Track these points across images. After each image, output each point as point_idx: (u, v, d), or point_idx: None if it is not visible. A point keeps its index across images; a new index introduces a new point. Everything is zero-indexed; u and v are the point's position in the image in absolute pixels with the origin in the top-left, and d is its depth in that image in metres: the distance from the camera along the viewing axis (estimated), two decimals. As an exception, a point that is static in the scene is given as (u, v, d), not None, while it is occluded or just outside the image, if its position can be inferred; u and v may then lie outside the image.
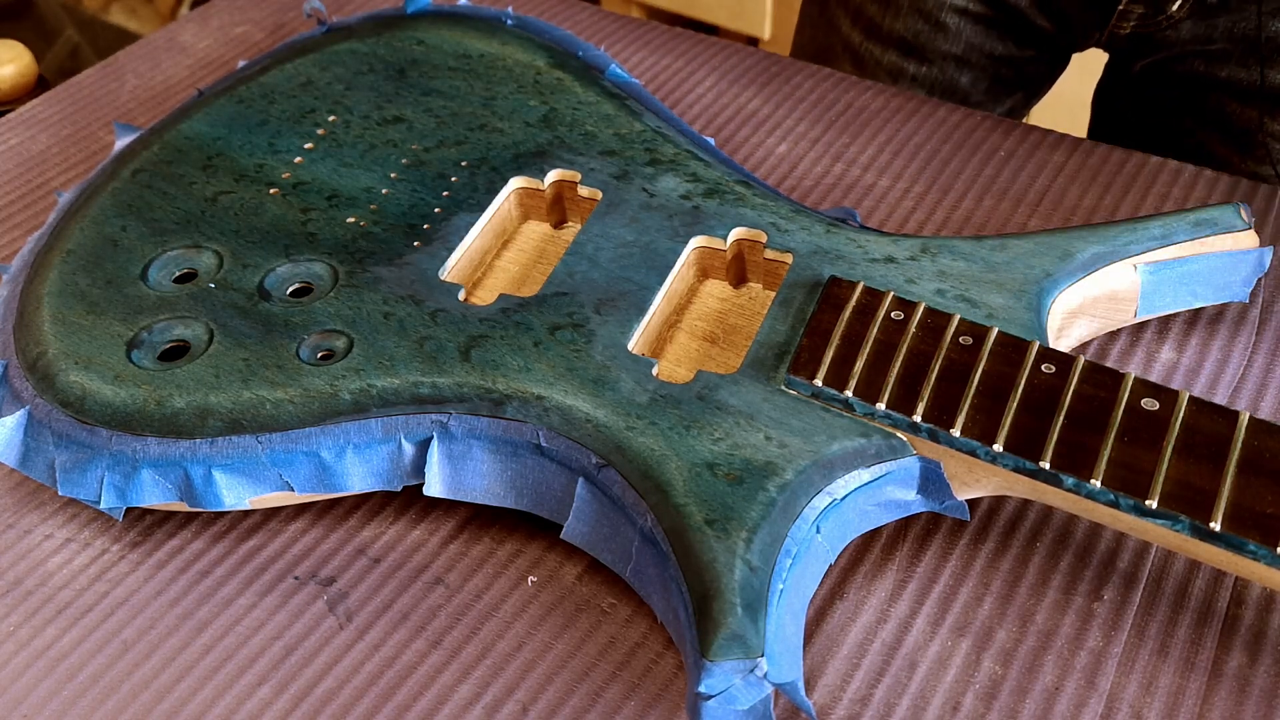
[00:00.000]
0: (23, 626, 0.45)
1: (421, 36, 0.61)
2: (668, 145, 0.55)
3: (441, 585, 0.46)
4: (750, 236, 0.51)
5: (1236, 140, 0.73)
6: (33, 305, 0.49)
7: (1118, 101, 0.81)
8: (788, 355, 0.46)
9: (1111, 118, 0.83)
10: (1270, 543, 0.39)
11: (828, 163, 0.62)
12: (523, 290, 0.52)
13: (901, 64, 0.80)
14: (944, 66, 0.80)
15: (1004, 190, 0.60)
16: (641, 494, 0.42)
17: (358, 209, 0.53)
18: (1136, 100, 0.79)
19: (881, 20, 0.80)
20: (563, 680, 0.43)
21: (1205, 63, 0.72)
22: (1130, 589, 0.45)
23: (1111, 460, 0.41)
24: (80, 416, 0.46)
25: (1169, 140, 0.76)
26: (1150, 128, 0.78)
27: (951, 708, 0.41)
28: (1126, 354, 0.52)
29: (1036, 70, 0.82)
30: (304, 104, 0.58)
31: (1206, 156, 0.74)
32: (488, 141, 0.56)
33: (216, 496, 0.45)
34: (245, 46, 0.72)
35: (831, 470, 0.43)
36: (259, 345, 0.47)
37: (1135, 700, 0.42)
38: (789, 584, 0.41)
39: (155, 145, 0.56)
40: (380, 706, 0.42)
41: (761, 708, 0.38)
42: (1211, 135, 0.74)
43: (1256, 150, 0.72)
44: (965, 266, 0.49)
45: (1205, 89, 0.73)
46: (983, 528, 0.47)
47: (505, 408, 0.45)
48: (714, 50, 0.70)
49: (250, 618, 0.45)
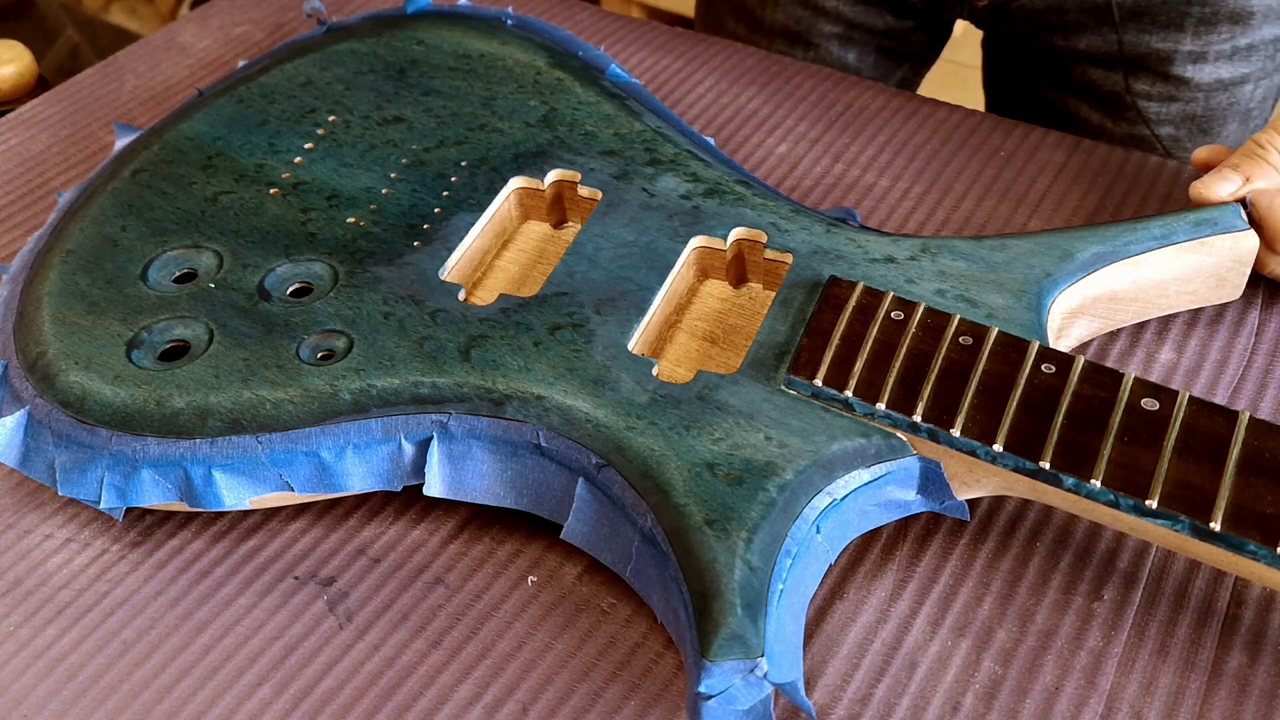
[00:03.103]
0: (23, 626, 0.45)
1: (421, 36, 0.61)
2: (668, 145, 0.55)
3: (441, 585, 0.46)
4: (750, 236, 0.51)
5: (1106, 106, 0.76)
6: (33, 305, 0.49)
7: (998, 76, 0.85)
8: (788, 355, 0.46)
9: (997, 93, 0.86)
10: (1270, 543, 0.39)
11: (828, 163, 0.62)
12: (523, 290, 0.52)
13: (788, 52, 0.82)
14: (829, 48, 0.82)
15: (1004, 190, 0.60)
16: (641, 494, 0.42)
17: (358, 209, 0.53)
18: (1012, 74, 0.82)
19: (761, 13, 0.82)
20: (563, 680, 0.43)
21: (1063, 35, 0.75)
22: (1130, 589, 0.45)
23: (1111, 460, 0.41)
24: (80, 416, 0.46)
25: (1045, 111, 0.79)
26: (1028, 100, 0.81)
27: (951, 708, 0.41)
28: (1126, 354, 0.52)
29: (919, 40, 0.84)
30: (304, 104, 0.58)
31: (1082, 125, 0.77)
32: (488, 141, 0.56)
33: (216, 496, 0.45)
34: (245, 46, 0.72)
35: (831, 470, 0.43)
36: (259, 345, 0.47)
37: (1135, 700, 0.42)
38: (789, 584, 0.41)
39: (155, 145, 0.56)
40: (380, 706, 0.42)
41: (761, 708, 0.38)
42: (1082, 104, 0.77)
43: (1128, 113, 0.76)
44: (965, 266, 0.49)
45: (1068, 60, 0.76)
46: (983, 528, 0.47)
47: (505, 408, 0.45)
48: (714, 50, 0.70)
49: (250, 618, 0.45)
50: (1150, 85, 0.74)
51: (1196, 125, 0.76)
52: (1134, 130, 0.76)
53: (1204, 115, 0.75)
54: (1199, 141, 0.76)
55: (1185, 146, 0.77)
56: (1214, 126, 0.76)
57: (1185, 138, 0.76)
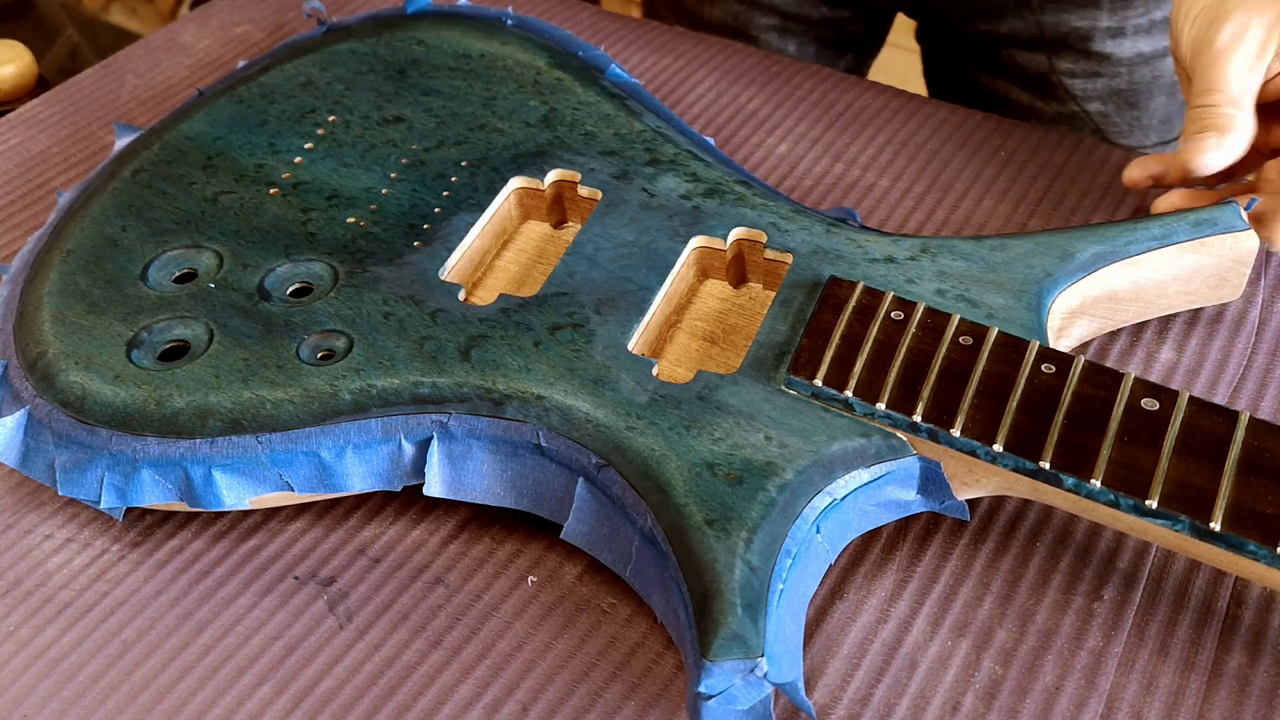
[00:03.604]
0: (23, 626, 0.45)
1: (421, 36, 0.61)
2: (668, 145, 0.55)
3: (441, 585, 0.46)
4: (750, 236, 0.51)
5: (1035, 87, 0.78)
6: (33, 305, 0.49)
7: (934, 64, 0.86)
8: (788, 355, 0.46)
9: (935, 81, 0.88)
10: (1270, 543, 0.39)
11: (828, 163, 0.62)
12: (523, 290, 0.52)
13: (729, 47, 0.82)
14: (768, 40, 0.83)
15: (1004, 190, 0.60)
16: (641, 494, 0.42)
17: (358, 209, 0.53)
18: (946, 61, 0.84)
19: (700, 10, 0.84)
20: (563, 680, 0.43)
21: (988, 20, 0.77)
22: (1130, 589, 0.45)
23: (1111, 460, 0.41)
24: (80, 416, 0.46)
25: (980, 96, 0.81)
26: (963, 86, 0.83)
27: (951, 708, 0.41)
28: (1126, 354, 0.52)
29: (857, 30, 0.85)
30: (304, 104, 0.58)
31: (1014, 107, 0.79)
32: (488, 141, 0.56)
33: (216, 496, 0.45)
34: (245, 46, 0.72)
35: (831, 470, 0.43)
36: (259, 345, 0.47)
37: (1135, 700, 0.42)
38: (789, 584, 0.41)
39: (155, 145, 0.56)
40: (380, 706, 0.42)
41: (761, 708, 0.38)
42: (1012, 87, 0.79)
43: (1056, 91, 0.77)
44: (965, 266, 0.49)
45: (994, 45, 0.78)
46: (983, 528, 0.47)
47: (505, 408, 0.45)
48: (714, 50, 0.70)
49: (250, 618, 0.45)
50: (1074, 63, 0.76)
51: (1124, 100, 0.77)
52: (1064, 109, 0.78)
53: (1129, 90, 0.77)
54: (1127, 116, 0.78)
55: (1114, 122, 0.78)
56: (1140, 100, 0.78)
57: (1114, 113, 0.78)
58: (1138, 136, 0.79)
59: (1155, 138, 0.79)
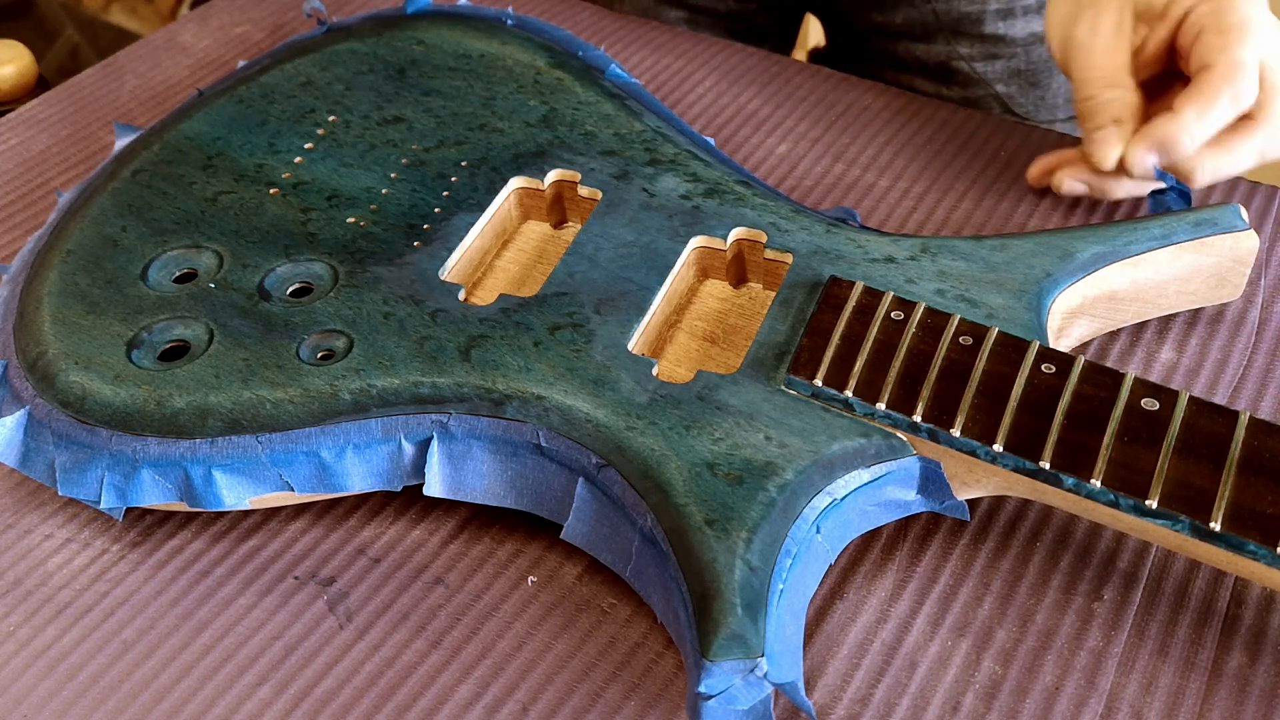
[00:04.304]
0: (23, 626, 0.45)
1: (421, 36, 0.61)
2: (668, 145, 0.55)
3: (441, 585, 0.46)
4: (750, 236, 0.51)
5: (938, 76, 0.80)
6: (33, 305, 0.49)
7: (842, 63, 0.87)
8: (788, 355, 0.46)
9: None
10: (1270, 543, 0.39)
11: (828, 163, 0.62)
12: (523, 290, 0.52)
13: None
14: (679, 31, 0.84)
15: (1004, 190, 0.60)
16: (641, 494, 0.42)
17: (358, 209, 0.53)
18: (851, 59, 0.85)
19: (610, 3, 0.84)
20: (563, 680, 0.43)
21: (881, 11, 0.79)
22: (1130, 589, 0.45)
23: (1111, 460, 0.41)
24: (80, 416, 0.46)
25: None
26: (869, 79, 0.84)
27: (951, 708, 0.41)
28: (1126, 354, 0.52)
29: (767, 23, 0.86)
30: (304, 104, 0.58)
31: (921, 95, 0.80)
32: (488, 141, 0.56)
33: (216, 496, 0.45)
34: (245, 46, 0.72)
35: (831, 470, 0.43)
36: (259, 345, 0.47)
37: (1135, 700, 0.42)
38: (789, 584, 0.41)
39: (155, 145, 0.56)
40: (380, 706, 0.42)
41: (761, 708, 0.38)
42: (915, 78, 0.80)
43: (958, 77, 0.79)
44: (965, 266, 0.49)
45: (894, 37, 0.80)
46: (983, 528, 0.47)
47: (505, 408, 0.45)
48: (714, 50, 0.70)
49: (250, 618, 0.45)
50: (971, 47, 0.77)
51: (1025, 79, 0.79)
52: (969, 93, 0.79)
53: (1028, 69, 0.78)
54: (1031, 95, 0.79)
55: (1019, 102, 0.79)
56: (1041, 79, 0.79)
57: (1017, 93, 0.79)
58: (1044, 115, 0.80)
59: (1063, 114, 0.81)
